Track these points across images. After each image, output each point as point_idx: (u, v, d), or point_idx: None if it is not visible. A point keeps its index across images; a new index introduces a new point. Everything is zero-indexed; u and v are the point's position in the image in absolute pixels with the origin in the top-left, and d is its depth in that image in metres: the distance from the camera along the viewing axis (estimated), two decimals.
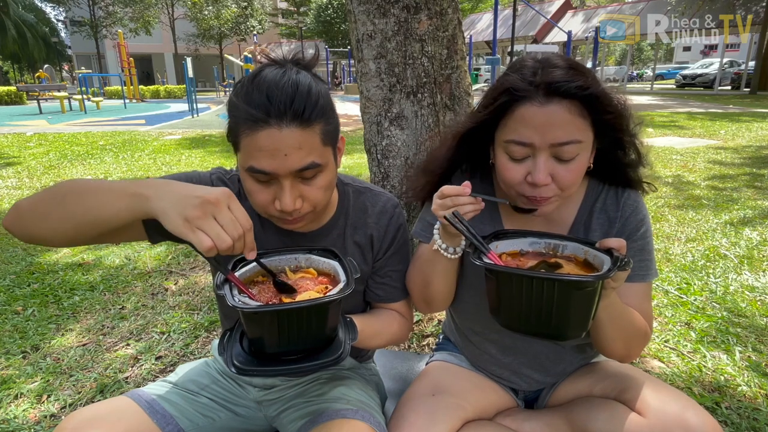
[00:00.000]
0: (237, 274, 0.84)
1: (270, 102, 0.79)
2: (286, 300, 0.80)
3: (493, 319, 0.84)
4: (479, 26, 27.40)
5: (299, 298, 0.80)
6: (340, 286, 0.79)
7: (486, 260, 0.80)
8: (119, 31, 25.35)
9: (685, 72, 25.05)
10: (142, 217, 0.72)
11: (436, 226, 0.95)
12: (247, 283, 0.85)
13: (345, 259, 0.86)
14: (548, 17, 21.60)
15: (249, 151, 0.83)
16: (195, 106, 13.78)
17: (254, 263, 0.86)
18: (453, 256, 0.95)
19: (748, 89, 18.74)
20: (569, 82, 0.81)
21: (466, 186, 0.85)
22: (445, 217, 0.86)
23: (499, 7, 16.69)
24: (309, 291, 0.82)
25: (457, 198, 0.85)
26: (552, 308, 0.74)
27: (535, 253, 0.89)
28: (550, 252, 0.88)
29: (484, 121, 0.91)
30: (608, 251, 0.80)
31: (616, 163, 0.97)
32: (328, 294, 0.77)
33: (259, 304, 0.76)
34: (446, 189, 0.86)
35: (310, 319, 0.75)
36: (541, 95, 0.82)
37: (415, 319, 2.07)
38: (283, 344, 0.76)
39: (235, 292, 0.77)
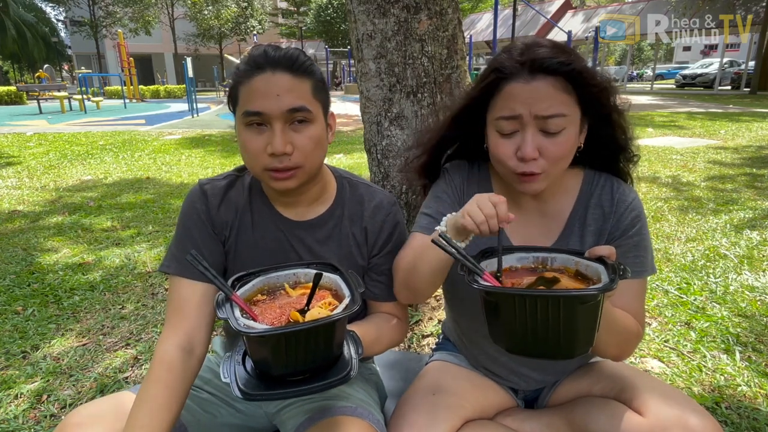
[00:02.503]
0: (238, 293, 0.82)
1: (266, 54, 0.90)
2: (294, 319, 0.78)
3: (495, 344, 0.80)
4: (479, 26, 27.38)
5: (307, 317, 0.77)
6: (346, 302, 0.77)
7: (483, 282, 0.76)
8: (119, 31, 25.34)
9: (685, 72, 25.03)
10: None
11: (446, 216, 0.92)
12: (247, 302, 0.83)
13: (347, 273, 0.85)
14: (548, 17, 21.56)
15: (245, 96, 0.90)
16: (195, 106, 13.78)
17: (253, 282, 0.86)
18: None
19: (748, 89, 18.72)
20: (552, 58, 0.85)
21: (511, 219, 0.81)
22: (433, 240, 0.83)
23: (499, 7, 16.66)
24: (315, 308, 0.79)
25: (493, 220, 0.80)
26: (559, 326, 0.72)
27: (525, 268, 0.88)
28: (540, 266, 0.87)
29: (475, 98, 0.94)
30: (599, 259, 0.79)
31: (608, 143, 0.98)
32: (334, 312, 0.74)
33: (264, 327, 0.73)
34: (498, 198, 0.81)
35: (318, 339, 0.73)
36: (526, 72, 0.86)
37: (415, 318, 2.07)
38: (290, 366, 0.73)
39: (237, 313, 0.75)
